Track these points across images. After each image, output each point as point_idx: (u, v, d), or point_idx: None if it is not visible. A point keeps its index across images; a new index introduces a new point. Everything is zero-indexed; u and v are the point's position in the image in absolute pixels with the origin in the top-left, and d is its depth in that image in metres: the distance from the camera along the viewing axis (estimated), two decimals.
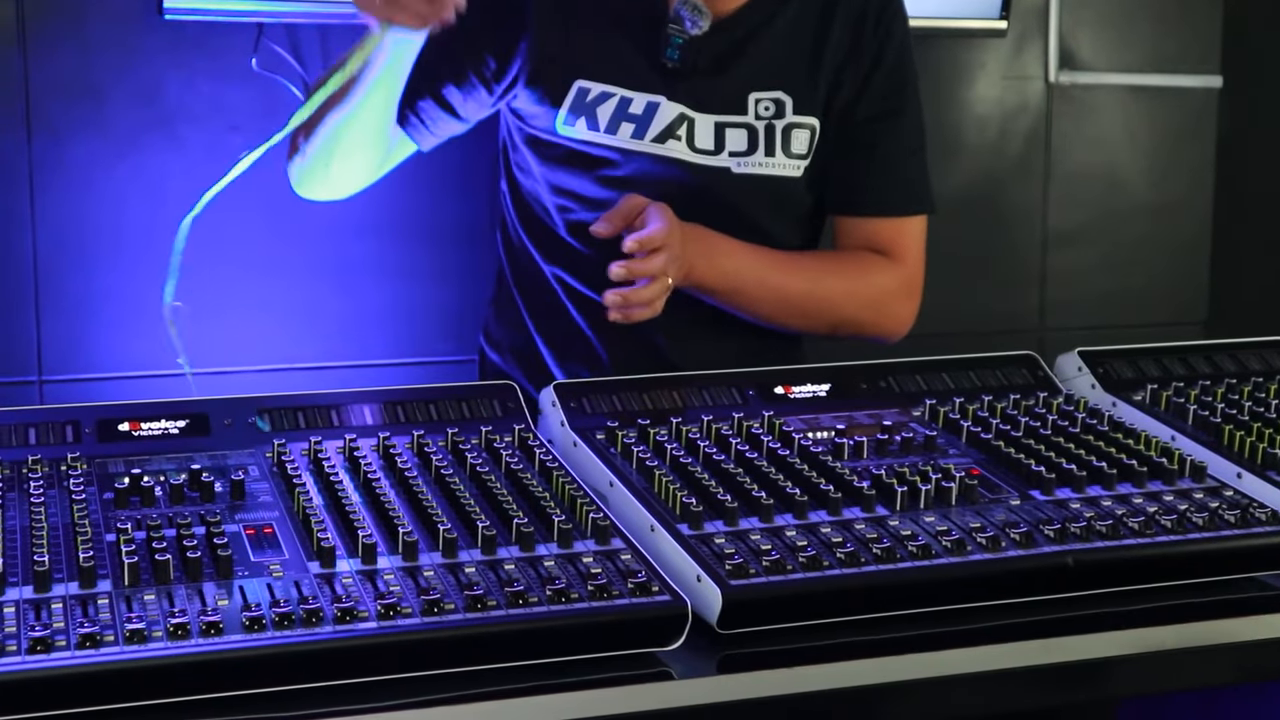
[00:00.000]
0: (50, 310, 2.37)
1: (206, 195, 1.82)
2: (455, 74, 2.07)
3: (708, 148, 2.07)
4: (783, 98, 2.08)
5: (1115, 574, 1.39)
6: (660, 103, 2.06)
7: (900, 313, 2.14)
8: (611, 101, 2.05)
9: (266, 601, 1.20)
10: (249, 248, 2.46)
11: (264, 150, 1.85)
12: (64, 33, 2.31)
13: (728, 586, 1.28)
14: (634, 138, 2.05)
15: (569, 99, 2.06)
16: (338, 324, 2.50)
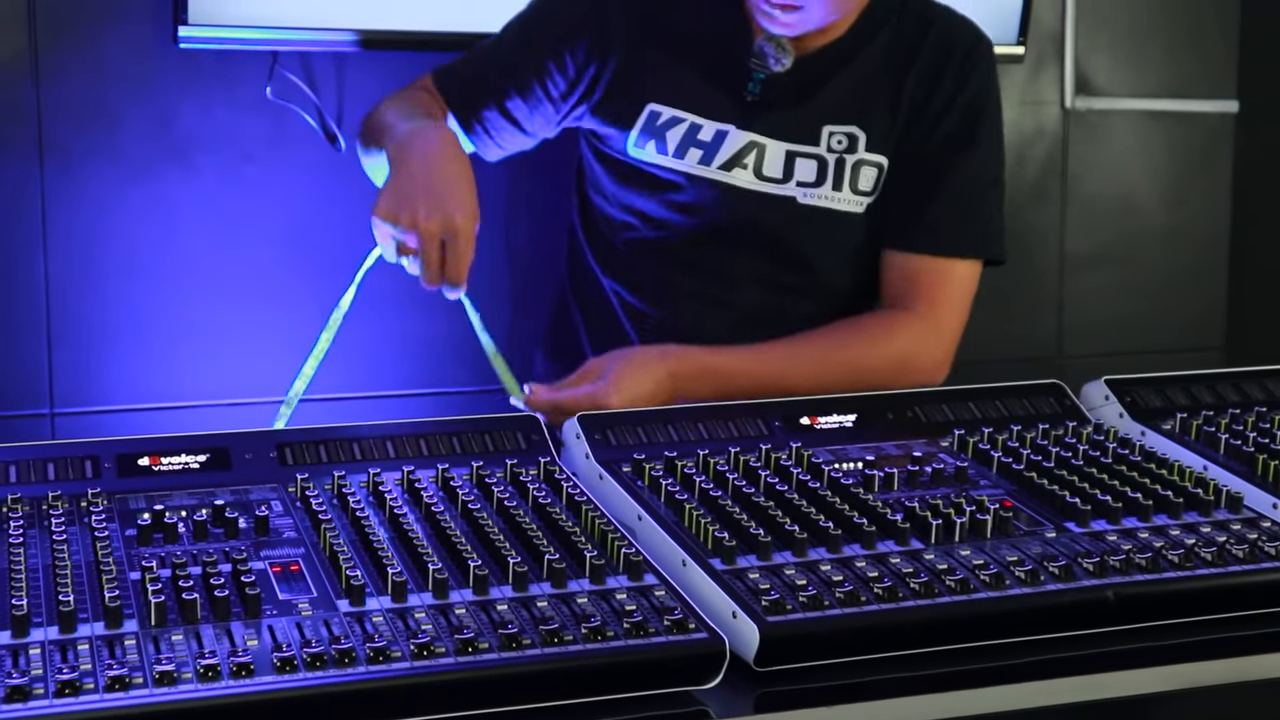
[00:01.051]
0: (61, 341, 2.35)
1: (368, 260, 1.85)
2: (522, 89, 2.10)
3: (775, 176, 2.09)
4: (856, 133, 2.09)
5: (1157, 608, 1.37)
6: (729, 131, 2.08)
7: (924, 368, 2.09)
8: (681, 127, 2.08)
9: (297, 641, 1.18)
10: (262, 278, 2.44)
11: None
12: (77, 60, 2.30)
13: (765, 623, 1.26)
14: (700, 164, 2.08)
15: (640, 121, 2.10)
16: (353, 355, 2.48)
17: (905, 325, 2.09)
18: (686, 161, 2.10)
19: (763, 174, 2.09)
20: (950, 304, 2.12)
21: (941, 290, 2.12)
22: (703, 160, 2.09)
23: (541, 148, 2.19)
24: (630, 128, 2.11)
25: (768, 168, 2.09)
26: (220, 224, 2.41)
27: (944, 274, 2.12)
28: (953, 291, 2.12)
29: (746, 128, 2.09)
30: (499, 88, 2.11)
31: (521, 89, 2.11)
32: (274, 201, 2.43)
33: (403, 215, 1.78)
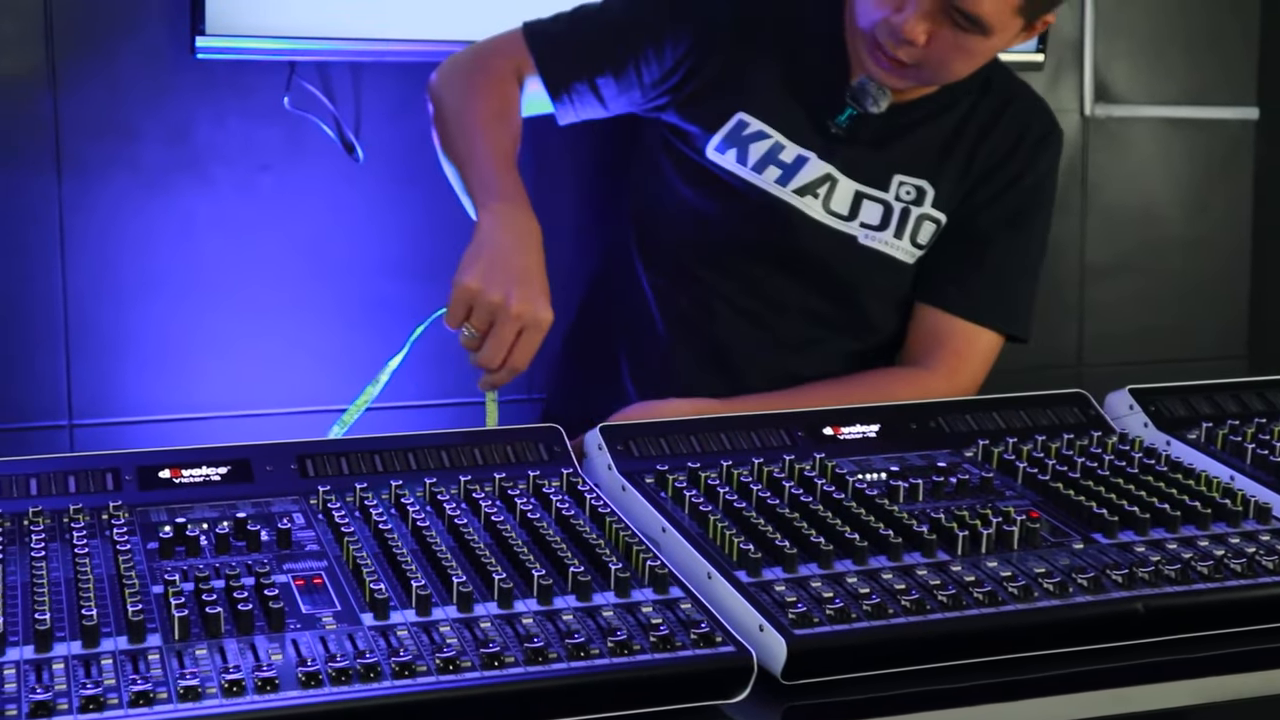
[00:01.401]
0: (80, 353, 2.35)
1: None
2: (616, 68, 2.10)
3: (841, 212, 2.11)
4: (926, 187, 2.12)
5: (1187, 620, 1.35)
6: (810, 158, 2.10)
7: None
8: (766, 142, 2.09)
9: (321, 656, 1.17)
10: (279, 289, 2.43)
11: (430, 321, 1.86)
12: (95, 72, 2.29)
13: (792, 636, 1.25)
14: (778, 183, 2.09)
15: (726, 127, 2.10)
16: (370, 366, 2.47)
17: (927, 385, 2.09)
18: (764, 177, 2.10)
19: (830, 208, 2.10)
20: (972, 370, 2.14)
21: (967, 354, 2.14)
22: (780, 180, 2.10)
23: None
24: (714, 131, 2.11)
25: (836, 203, 2.10)
26: (238, 234, 2.40)
27: (972, 340, 2.14)
28: (976, 359, 2.14)
29: (825, 158, 2.10)
30: (594, 63, 2.10)
31: (616, 69, 2.10)
32: (291, 212, 2.42)
33: (494, 292, 1.77)
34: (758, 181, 2.10)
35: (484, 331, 1.77)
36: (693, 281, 2.15)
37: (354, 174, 2.44)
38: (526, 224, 1.87)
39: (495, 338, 1.77)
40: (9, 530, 1.39)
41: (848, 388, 2.06)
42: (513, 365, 1.79)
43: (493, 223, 1.85)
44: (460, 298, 1.78)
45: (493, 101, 2.05)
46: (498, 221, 1.85)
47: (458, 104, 2.05)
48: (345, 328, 2.48)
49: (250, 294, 2.42)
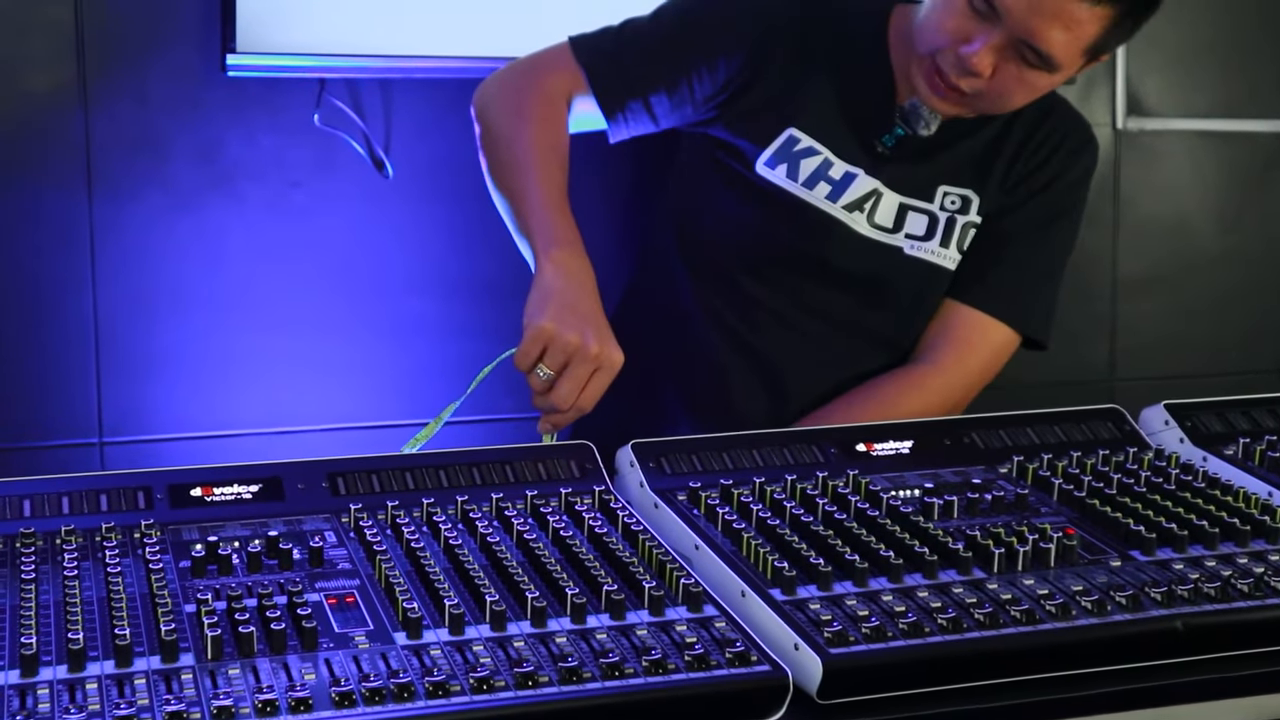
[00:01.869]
0: (110, 370, 2.35)
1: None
2: (671, 86, 2.09)
3: (886, 225, 2.11)
4: (971, 196, 2.13)
5: (1227, 638, 1.34)
6: (858, 175, 2.11)
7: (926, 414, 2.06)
8: (816, 159, 2.10)
9: (355, 675, 1.17)
10: (309, 306, 2.43)
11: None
12: (126, 90, 2.30)
13: (828, 655, 1.24)
14: (828, 199, 2.09)
15: (777, 143, 2.10)
16: (398, 382, 2.48)
17: (930, 383, 2.10)
18: (815, 193, 2.10)
19: (874, 222, 2.10)
20: (980, 362, 2.14)
21: (975, 344, 2.14)
22: (830, 196, 2.10)
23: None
24: (764, 146, 2.11)
25: (880, 216, 2.11)
26: (268, 252, 2.40)
27: (982, 330, 2.14)
28: (985, 351, 2.14)
29: (872, 174, 2.11)
30: (649, 81, 2.09)
31: (670, 85, 2.09)
32: (322, 229, 2.42)
33: (570, 333, 1.78)
34: (808, 197, 2.10)
35: (558, 372, 1.79)
36: (740, 296, 2.15)
37: (384, 190, 2.44)
38: (584, 268, 1.90)
39: (570, 378, 1.78)
40: (41, 549, 1.38)
41: (851, 409, 2.07)
42: (581, 406, 1.80)
43: (554, 270, 1.87)
44: (536, 338, 1.79)
45: (545, 129, 2.04)
46: (559, 269, 1.87)
47: (509, 131, 2.03)
48: (375, 344, 2.48)
49: (280, 311, 2.42)
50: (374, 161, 2.42)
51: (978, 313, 2.14)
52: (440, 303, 2.47)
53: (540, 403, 1.81)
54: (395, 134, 2.42)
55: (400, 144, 2.43)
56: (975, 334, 2.14)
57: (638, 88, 2.09)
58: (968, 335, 2.14)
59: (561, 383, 1.79)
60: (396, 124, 2.42)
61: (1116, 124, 2.84)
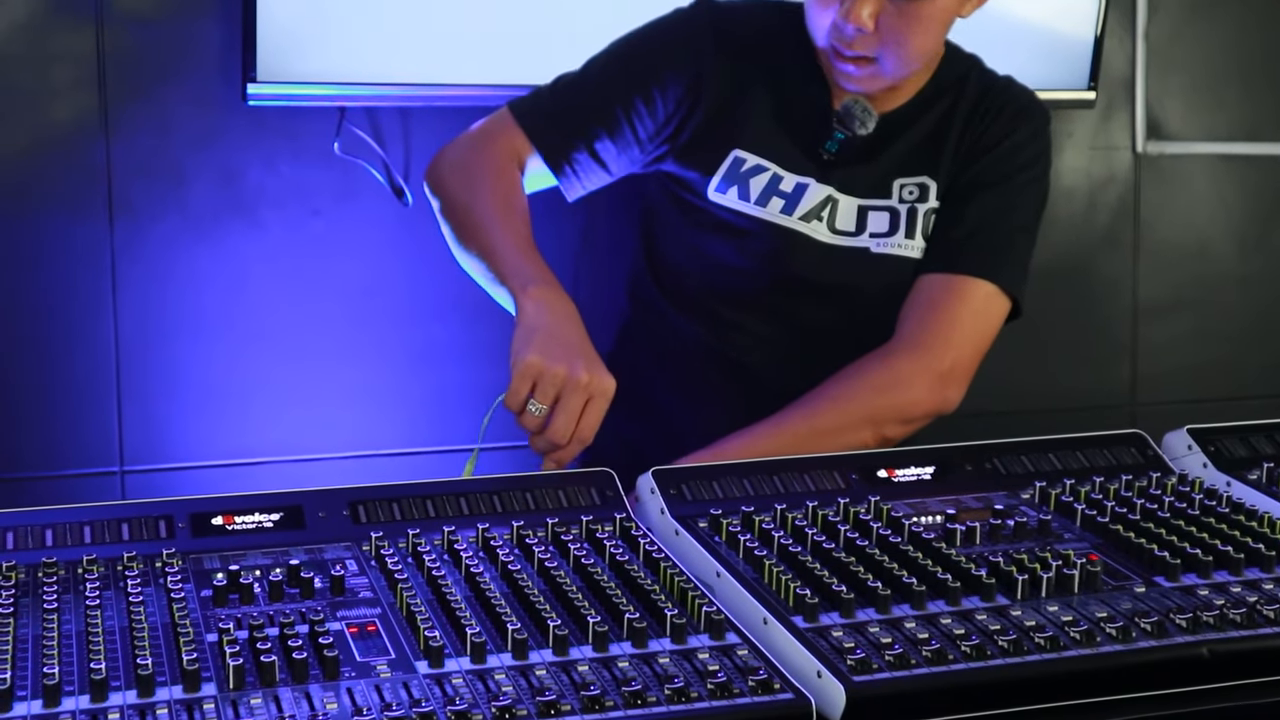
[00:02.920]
0: (131, 398, 2.35)
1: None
2: (612, 129, 2.10)
3: (848, 229, 2.11)
4: (927, 182, 2.12)
5: (1253, 665, 1.33)
6: (809, 184, 2.11)
7: (922, 403, 2.01)
8: (764, 176, 2.10)
9: (377, 705, 1.16)
10: (330, 333, 2.44)
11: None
12: (147, 119, 2.31)
13: (851, 683, 1.23)
14: (783, 213, 2.10)
15: (724, 167, 2.11)
16: (420, 409, 2.48)
17: (895, 366, 2.02)
18: (769, 210, 2.10)
19: (836, 227, 2.10)
20: (950, 326, 2.05)
21: (941, 303, 2.07)
22: (785, 210, 2.10)
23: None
24: (712, 173, 2.11)
25: (841, 221, 2.10)
26: (288, 279, 2.41)
27: (953, 292, 2.07)
28: (958, 312, 2.06)
29: (824, 181, 2.10)
30: (589, 128, 2.10)
31: (611, 129, 2.10)
32: (342, 256, 2.43)
33: (557, 365, 1.75)
34: (763, 215, 2.10)
35: (550, 406, 1.75)
36: (719, 322, 2.16)
37: (404, 218, 2.44)
38: (564, 300, 1.87)
39: (564, 411, 1.74)
40: (63, 578, 1.39)
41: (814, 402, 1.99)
42: (581, 437, 1.76)
43: (535, 306, 1.85)
44: (525, 374, 1.75)
45: (500, 188, 2.04)
46: (539, 304, 1.85)
47: (465, 197, 2.04)
48: (396, 371, 2.48)
49: (301, 338, 2.42)
50: (394, 189, 2.42)
51: (945, 275, 2.08)
52: (460, 329, 2.47)
53: (539, 444, 1.77)
54: (415, 161, 2.43)
55: (420, 172, 2.42)
56: (947, 297, 2.07)
57: (579, 137, 2.10)
58: (932, 296, 2.07)
59: (556, 416, 1.74)
60: (416, 151, 2.43)
61: (1136, 148, 2.84)
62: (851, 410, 1.97)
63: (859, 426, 1.96)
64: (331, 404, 2.44)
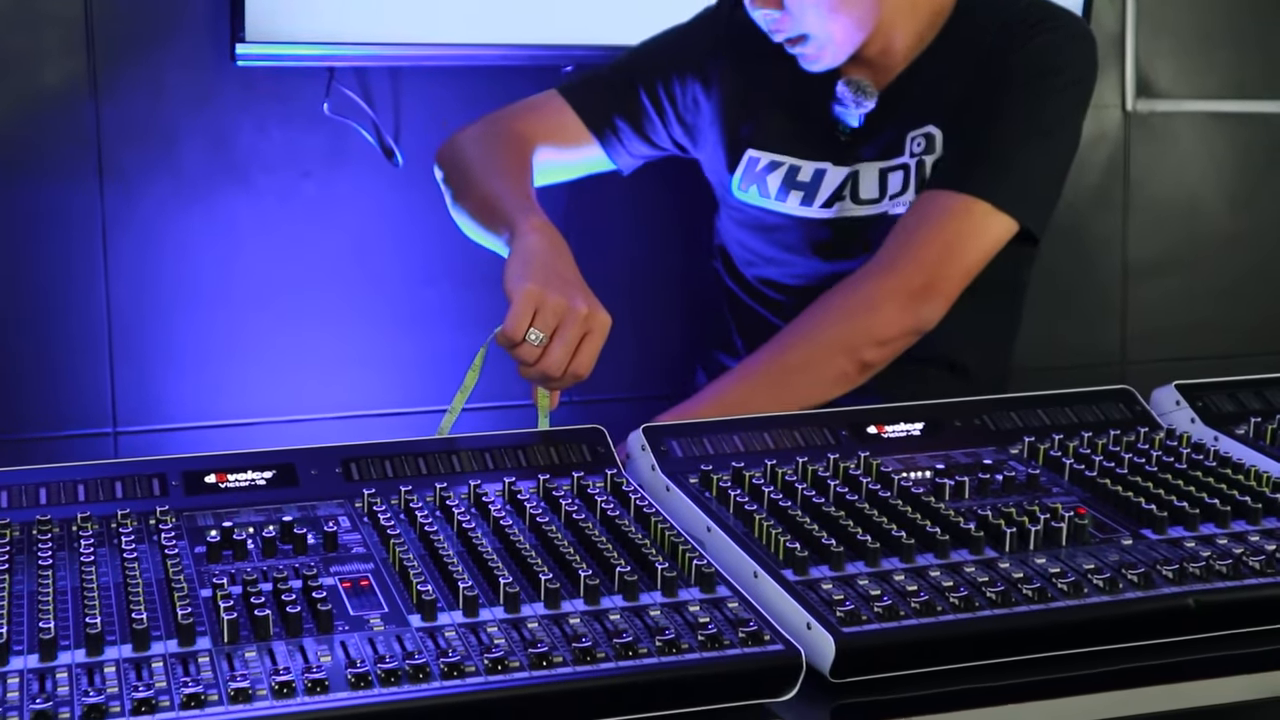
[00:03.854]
0: (124, 360, 2.36)
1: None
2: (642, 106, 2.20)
3: (872, 196, 2.12)
4: (933, 132, 2.10)
5: (1239, 615, 1.34)
6: (827, 169, 2.12)
7: (894, 323, 1.95)
8: (780, 170, 2.13)
9: (370, 657, 1.17)
10: (322, 295, 2.44)
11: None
12: (136, 81, 2.31)
13: (840, 634, 1.24)
14: (803, 205, 2.11)
15: (741, 166, 2.16)
16: (411, 370, 2.49)
17: (863, 287, 1.97)
18: (789, 204, 2.13)
19: (859, 198, 2.10)
20: (922, 243, 1.98)
21: (914, 229, 2.01)
22: (804, 202, 2.13)
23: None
24: (732, 172, 2.17)
25: (864, 191, 2.11)
26: (279, 241, 2.41)
27: (927, 209, 2.01)
28: (930, 228, 1.99)
29: (843, 163, 2.12)
30: (627, 93, 2.18)
31: (642, 106, 2.19)
32: (332, 218, 2.43)
33: (557, 295, 1.73)
34: (784, 209, 2.14)
35: (550, 334, 1.73)
36: (774, 302, 2.21)
37: (394, 179, 2.44)
38: (561, 240, 1.86)
39: (562, 341, 1.72)
40: (58, 536, 1.39)
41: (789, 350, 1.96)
42: (575, 371, 1.74)
43: (535, 235, 1.84)
44: (527, 301, 1.72)
45: (509, 155, 2.07)
46: (539, 234, 1.85)
47: (469, 160, 2.07)
48: (387, 332, 2.49)
49: (292, 300, 2.42)
50: (384, 150, 2.42)
51: (922, 194, 2.04)
52: (452, 290, 2.48)
53: (530, 373, 1.75)
54: (405, 122, 2.43)
55: (410, 132, 2.43)
56: (920, 215, 2.01)
57: (618, 103, 2.18)
58: (911, 219, 2.02)
59: (553, 347, 1.72)
60: (406, 112, 2.43)
61: (1126, 106, 2.84)
62: (822, 340, 1.94)
63: (833, 355, 1.93)
64: (323, 365, 2.44)
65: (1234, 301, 2.99)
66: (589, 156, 2.22)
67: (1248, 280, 3.00)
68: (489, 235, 1.97)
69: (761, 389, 1.89)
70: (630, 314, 2.58)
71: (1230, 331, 2.99)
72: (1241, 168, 2.96)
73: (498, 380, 2.18)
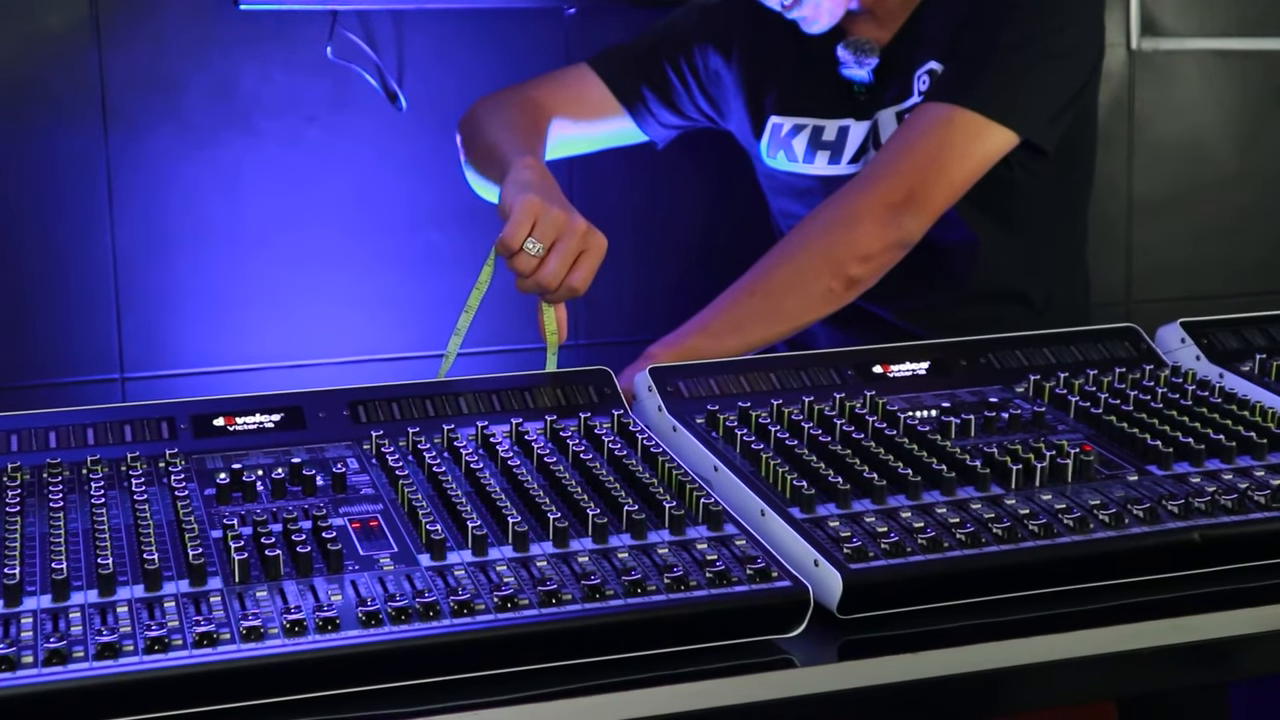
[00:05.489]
0: (130, 306, 2.36)
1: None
2: (675, 65, 2.23)
3: None
4: (936, 67, 2.08)
5: (1244, 549, 1.35)
6: (850, 125, 2.13)
7: (876, 237, 1.91)
8: (804, 133, 2.15)
9: (380, 596, 1.18)
10: (327, 239, 2.44)
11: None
12: (139, 27, 2.30)
13: (848, 570, 1.25)
14: (831, 163, 2.13)
15: (766, 134, 2.18)
16: (417, 314, 2.49)
17: (826, 213, 1.94)
18: (817, 165, 2.15)
19: (881, 144, 2.09)
20: (903, 155, 1.95)
21: (897, 141, 1.97)
22: (832, 160, 2.14)
23: None
24: (759, 140, 2.20)
25: (884, 137, 2.10)
26: (284, 186, 2.41)
27: (911, 122, 1.98)
28: (912, 140, 1.95)
29: (864, 116, 2.12)
30: (654, 63, 2.21)
31: (675, 66, 2.22)
32: (337, 162, 2.43)
33: (557, 209, 1.73)
34: (813, 170, 2.16)
35: (548, 246, 1.72)
36: None
37: (398, 123, 2.44)
38: (553, 180, 1.87)
39: (559, 254, 1.71)
40: (68, 479, 1.40)
41: (772, 271, 1.93)
42: (572, 285, 1.73)
43: (529, 170, 1.85)
44: (527, 209, 1.71)
45: (521, 116, 2.10)
46: (530, 171, 1.86)
47: (482, 121, 2.11)
48: (393, 276, 2.49)
49: (298, 245, 2.42)
50: (387, 94, 2.42)
51: (916, 106, 2.02)
52: (457, 234, 2.48)
53: (527, 285, 1.75)
54: (408, 66, 2.42)
55: (413, 76, 2.42)
56: (905, 127, 1.98)
57: (644, 72, 2.21)
58: (897, 132, 2.00)
59: (550, 259, 1.71)
60: (409, 56, 2.42)
61: (1131, 44, 2.83)
62: (804, 258, 1.92)
63: (817, 273, 1.91)
64: (329, 309, 2.45)
65: (1239, 239, 2.98)
66: (611, 128, 2.24)
67: (1252, 218, 2.99)
68: (490, 185, 1.98)
69: (750, 312, 1.88)
70: (636, 255, 2.58)
71: (1236, 269, 2.99)
72: (1246, 106, 2.95)
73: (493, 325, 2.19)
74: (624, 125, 2.25)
